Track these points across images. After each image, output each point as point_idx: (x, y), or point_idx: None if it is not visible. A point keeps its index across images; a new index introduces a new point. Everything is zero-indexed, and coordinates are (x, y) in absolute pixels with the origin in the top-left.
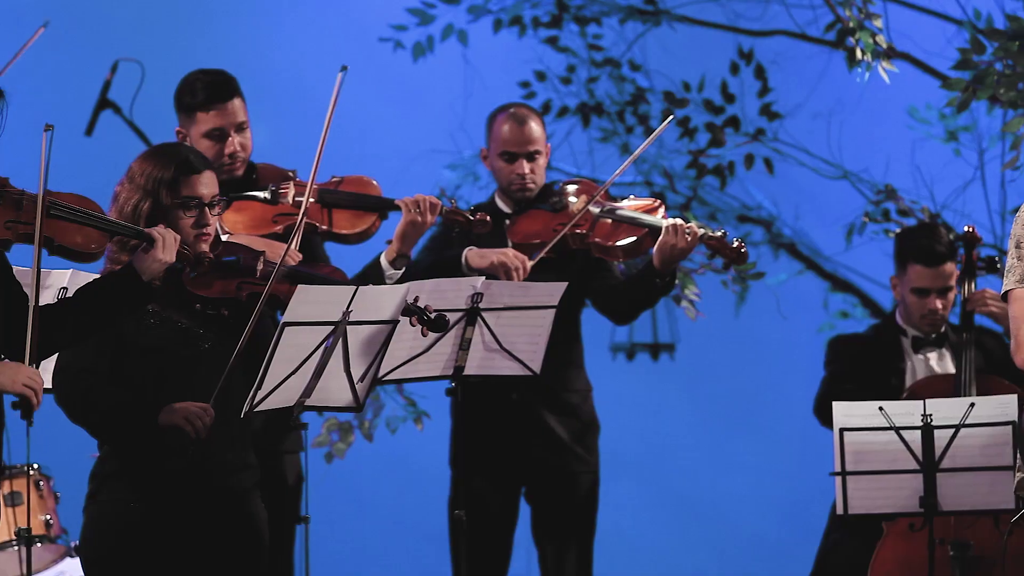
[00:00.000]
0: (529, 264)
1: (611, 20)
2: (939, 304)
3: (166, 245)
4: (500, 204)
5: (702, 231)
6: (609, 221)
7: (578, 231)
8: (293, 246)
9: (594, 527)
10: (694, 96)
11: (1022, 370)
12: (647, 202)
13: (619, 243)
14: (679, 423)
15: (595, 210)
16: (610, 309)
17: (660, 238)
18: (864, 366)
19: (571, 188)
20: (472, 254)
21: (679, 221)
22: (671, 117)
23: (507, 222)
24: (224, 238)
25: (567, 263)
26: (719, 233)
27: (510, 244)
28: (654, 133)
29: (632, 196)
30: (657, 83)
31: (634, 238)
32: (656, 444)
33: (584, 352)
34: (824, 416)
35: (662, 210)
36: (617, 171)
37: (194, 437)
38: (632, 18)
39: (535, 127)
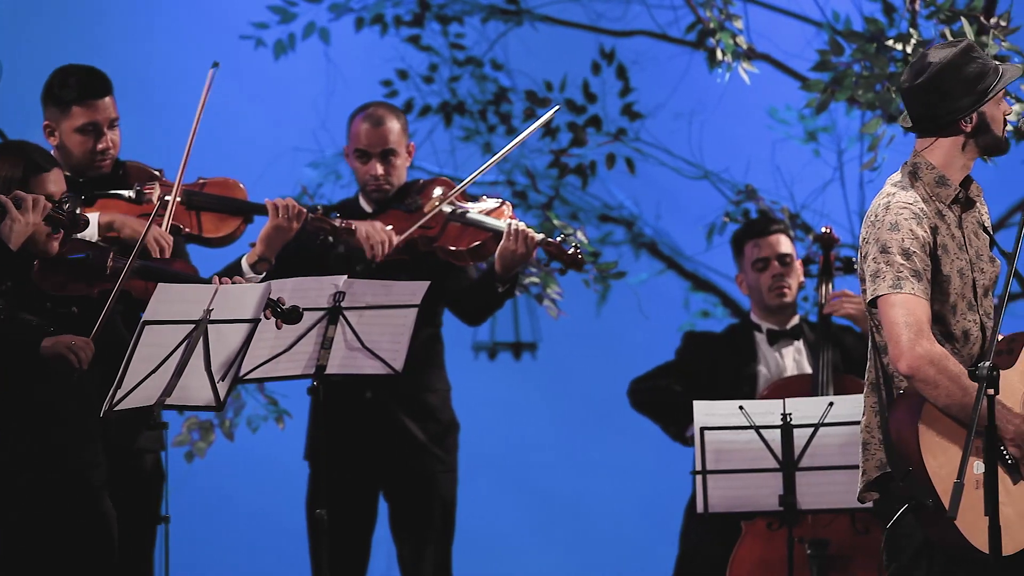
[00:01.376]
0: (395, 240)
1: (473, 19)
2: (781, 270)
3: (23, 207)
4: (363, 203)
5: (540, 236)
6: (459, 224)
7: (428, 233)
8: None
9: (453, 526)
10: (556, 96)
11: (906, 376)
12: (494, 204)
13: (465, 247)
14: (540, 422)
15: (447, 210)
16: (460, 311)
17: (500, 243)
18: (716, 363)
19: (430, 188)
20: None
21: (520, 225)
22: (555, 108)
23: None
24: (97, 217)
25: (422, 264)
26: (557, 239)
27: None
28: (535, 125)
29: (484, 197)
30: (519, 82)
31: (479, 242)
32: (517, 443)
33: (445, 352)
34: (636, 399)
35: (508, 211)
36: (478, 171)
37: (76, 367)
38: (494, 17)
39: (392, 127)
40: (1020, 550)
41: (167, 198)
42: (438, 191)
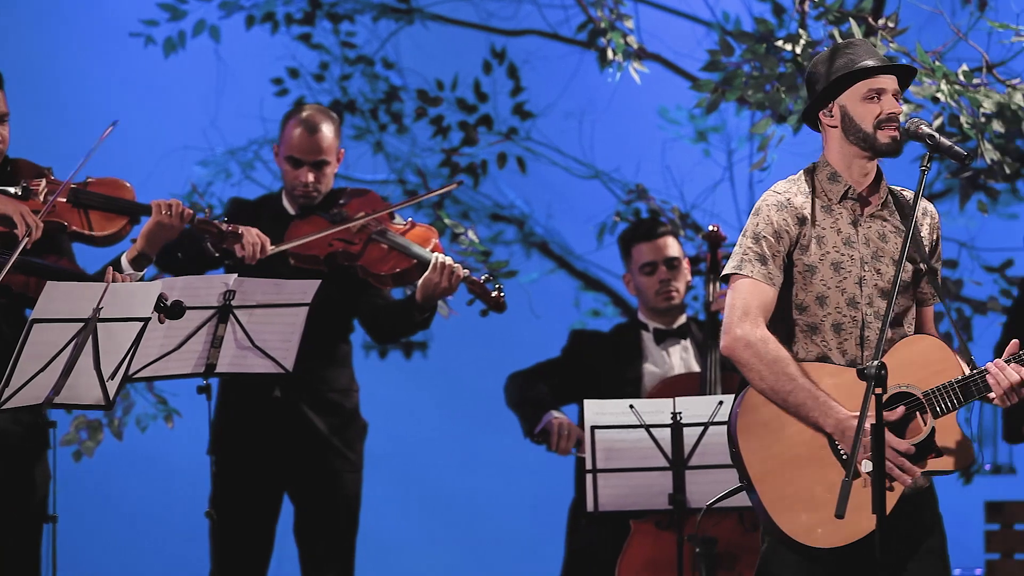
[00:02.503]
0: (268, 248)
1: (364, 18)
2: (668, 275)
3: None
4: (286, 204)
5: (465, 273)
6: (383, 245)
7: (351, 249)
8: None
9: (356, 527)
10: (447, 94)
11: (724, 355)
12: (423, 230)
13: (387, 272)
14: (431, 421)
15: (374, 227)
16: (371, 327)
17: (426, 273)
18: (602, 361)
19: (356, 201)
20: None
21: (447, 260)
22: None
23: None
24: None
25: (340, 277)
26: (481, 279)
27: (286, 245)
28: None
29: (410, 220)
30: (410, 81)
31: (402, 269)
32: (408, 442)
33: (352, 352)
34: (509, 393)
35: (435, 241)
36: (402, 203)
37: None
38: (385, 16)
39: (326, 134)
40: (851, 542)
41: (51, 197)
42: (364, 207)
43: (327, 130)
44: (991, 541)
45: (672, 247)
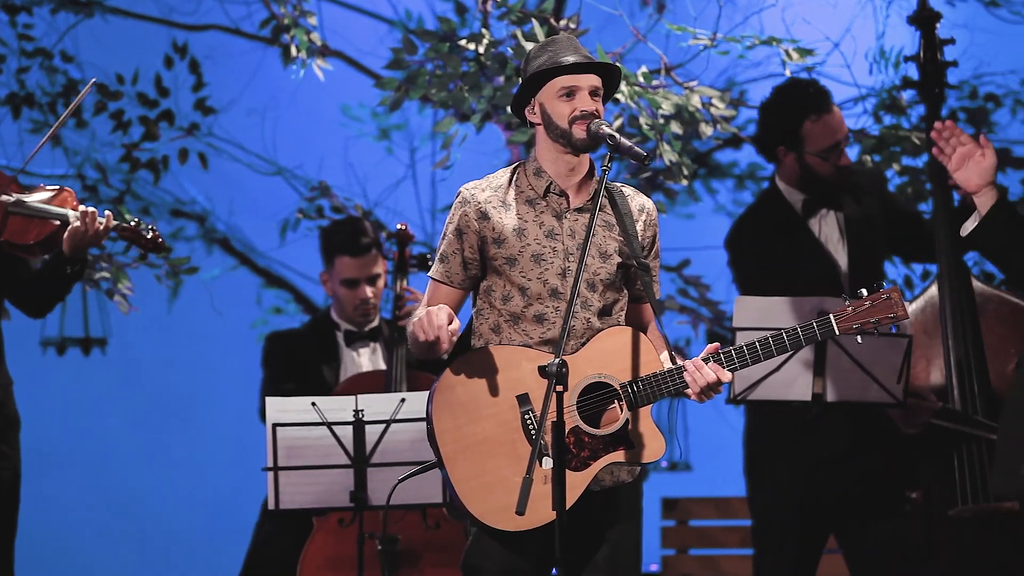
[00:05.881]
0: None
1: (42, 10)
2: (369, 293)
3: None
4: None
5: (115, 221)
6: (22, 217)
7: None
8: None
9: (15, 526)
10: (128, 89)
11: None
12: (60, 192)
13: (32, 240)
14: (111, 418)
15: (7, 199)
16: (24, 303)
17: (70, 226)
18: (300, 362)
19: None
20: None
21: (91, 209)
22: (90, 85)
23: None
24: None
25: None
26: (133, 223)
27: None
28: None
29: (42, 186)
30: (90, 75)
31: (48, 233)
32: (87, 439)
33: (6, 346)
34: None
35: (71, 199)
36: (29, 158)
37: None
38: (64, 8)
39: None
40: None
41: None
42: None
43: None
44: (667, 537)
45: (377, 264)
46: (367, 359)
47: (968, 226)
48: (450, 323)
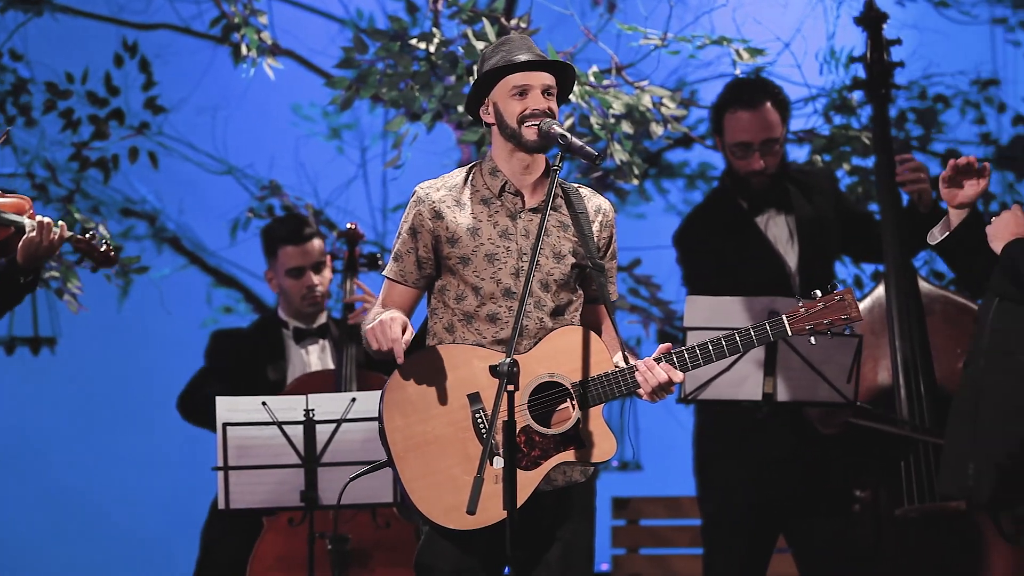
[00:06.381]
0: None
1: None
2: (315, 279)
3: None
4: None
5: (70, 233)
6: None
7: None
8: None
9: None
10: (77, 88)
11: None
12: (15, 200)
13: None
14: (61, 418)
15: None
16: None
17: (25, 235)
18: (244, 360)
19: None
20: None
21: (46, 220)
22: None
23: None
24: None
25: None
26: (87, 236)
27: None
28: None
29: (1, 191)
30: (39, 74)
31: (2, 237)
32: (36, 439)
33: None
34: (185, 409)
35: (28, 206)
36: None
37: None
38: (13, 7)
39: None
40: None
41: None
42: None
43: None
44: (617, 536)
45: (320, 252)
46: (316, 357)
47: (936, 234)
48: (404, 333)
